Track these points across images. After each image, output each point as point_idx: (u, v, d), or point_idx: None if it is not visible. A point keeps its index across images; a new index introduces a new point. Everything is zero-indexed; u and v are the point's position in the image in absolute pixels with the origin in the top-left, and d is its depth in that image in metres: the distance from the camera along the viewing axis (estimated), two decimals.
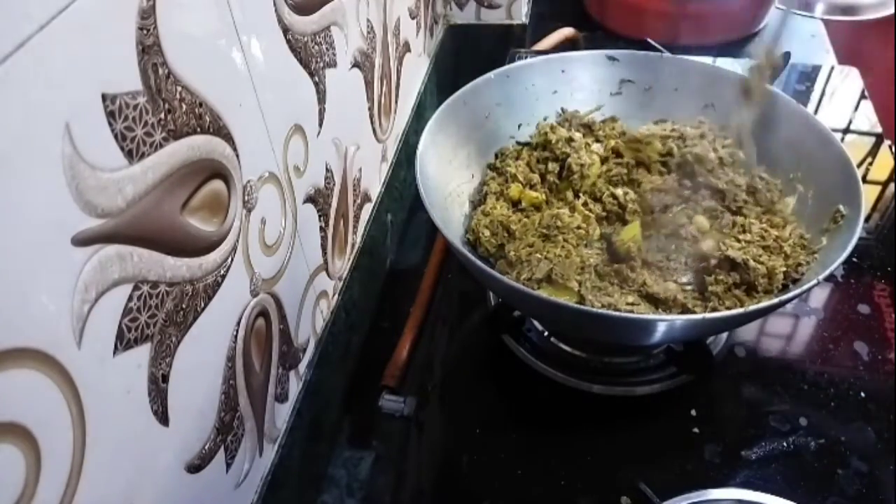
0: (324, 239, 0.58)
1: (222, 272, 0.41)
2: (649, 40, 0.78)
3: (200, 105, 0.37)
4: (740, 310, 0.46)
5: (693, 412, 0.57)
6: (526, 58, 0.70)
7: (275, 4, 0.45)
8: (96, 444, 0.31)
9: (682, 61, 0.69)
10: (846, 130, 0.86)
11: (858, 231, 0.50)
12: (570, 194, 0.63)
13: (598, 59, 0.71)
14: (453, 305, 0.71)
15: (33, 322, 0.27)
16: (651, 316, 0.52)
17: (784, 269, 0.54)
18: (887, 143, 0.83)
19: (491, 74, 0.67)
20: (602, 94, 0.72)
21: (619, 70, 0.71)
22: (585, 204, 0.62)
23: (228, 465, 0.44)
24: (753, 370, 0.61)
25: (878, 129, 0.84)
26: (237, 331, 0.44)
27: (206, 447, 0.41)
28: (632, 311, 0.52)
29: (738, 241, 0.56)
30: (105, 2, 0.29)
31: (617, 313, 0.49)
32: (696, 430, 0.56)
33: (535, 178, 0.64)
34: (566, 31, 1.02)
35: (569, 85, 0.71)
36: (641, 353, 0.61)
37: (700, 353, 0.58)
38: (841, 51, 1.03)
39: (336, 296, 0.63)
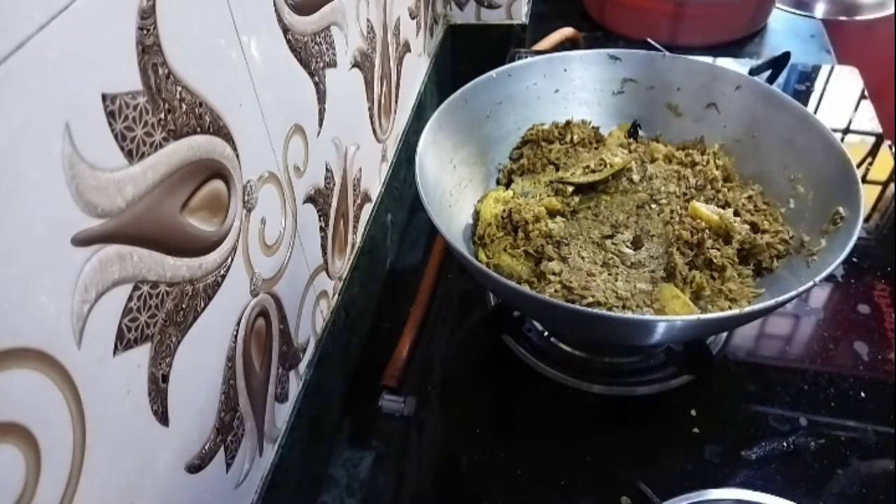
0: (324, 239, 0.58)
1: (222, 272, 0.41)
2: (649, 40, 0.77)
3: (200, 105, 0.37)
4: (740, 310, 0.46)
5: (693, 412, 0.57)
6: (526, 58, 0.70)
7: (275, 4, 0.45)
8: (96, 444, 0.31)
9: (685, 61, 0.69)
10: (846, 130, 0.86)
11: (857, 232, 0.50)
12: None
13: (600, 58, 0.71)
14: (453, 305, 0.71)
15: (33, 322, 0.27)
16: (651, 316, 0.52)
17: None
18: (887, 143, 0.82)
19: (493, 73, 0.67)
20: (604, 94, 0.72)
21: (622, 69, 0.71)
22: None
23: (228, 465, 0.44)
24: (753, 370, 0.61)
25: (879, 129, 0.84)
26: (237, 331, 0.44)
27: (206, 447, 0.41)
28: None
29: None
30: (105, 2, 0.29)
31: (617, 314, 0.49)
32: (696, 430, 0.56)
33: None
34: (566, 31, 1.02)
35: (571, 84, 0.71)
36: (641, 353, 0.61)
37: (700, 353, 0.58)
38: (841, 51, 1.03)
39: (336, 296, 0.63)
